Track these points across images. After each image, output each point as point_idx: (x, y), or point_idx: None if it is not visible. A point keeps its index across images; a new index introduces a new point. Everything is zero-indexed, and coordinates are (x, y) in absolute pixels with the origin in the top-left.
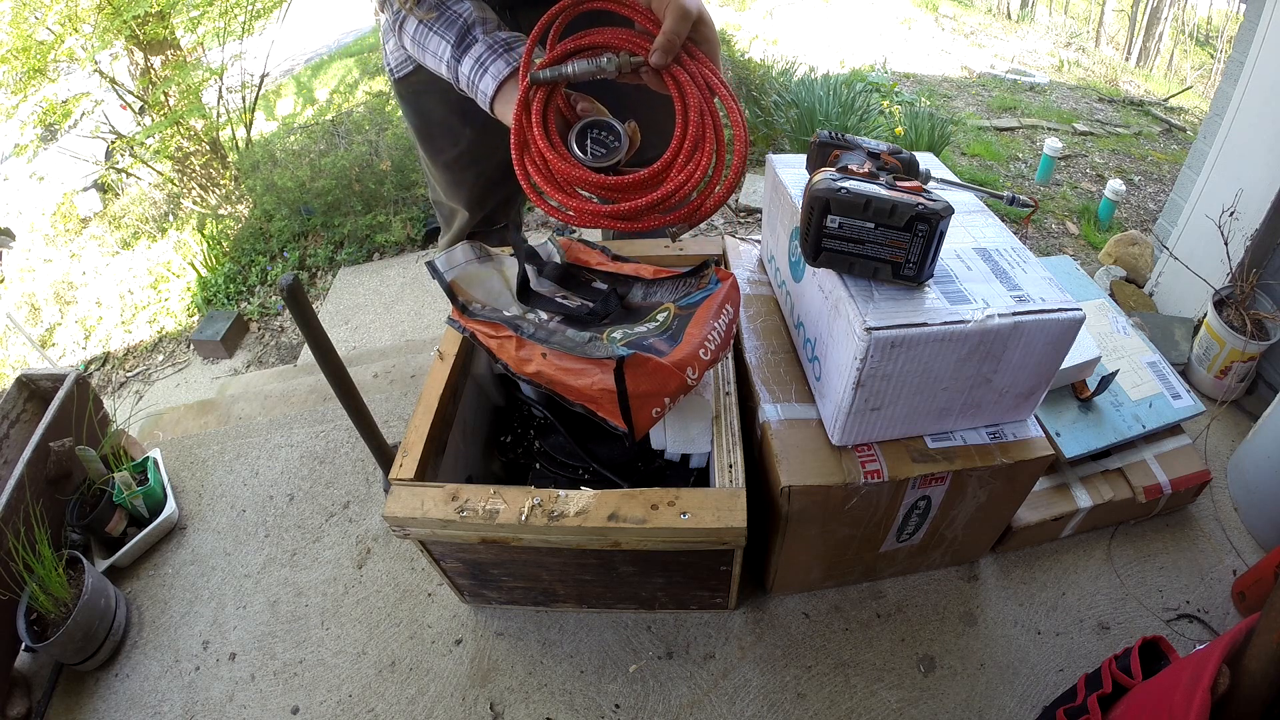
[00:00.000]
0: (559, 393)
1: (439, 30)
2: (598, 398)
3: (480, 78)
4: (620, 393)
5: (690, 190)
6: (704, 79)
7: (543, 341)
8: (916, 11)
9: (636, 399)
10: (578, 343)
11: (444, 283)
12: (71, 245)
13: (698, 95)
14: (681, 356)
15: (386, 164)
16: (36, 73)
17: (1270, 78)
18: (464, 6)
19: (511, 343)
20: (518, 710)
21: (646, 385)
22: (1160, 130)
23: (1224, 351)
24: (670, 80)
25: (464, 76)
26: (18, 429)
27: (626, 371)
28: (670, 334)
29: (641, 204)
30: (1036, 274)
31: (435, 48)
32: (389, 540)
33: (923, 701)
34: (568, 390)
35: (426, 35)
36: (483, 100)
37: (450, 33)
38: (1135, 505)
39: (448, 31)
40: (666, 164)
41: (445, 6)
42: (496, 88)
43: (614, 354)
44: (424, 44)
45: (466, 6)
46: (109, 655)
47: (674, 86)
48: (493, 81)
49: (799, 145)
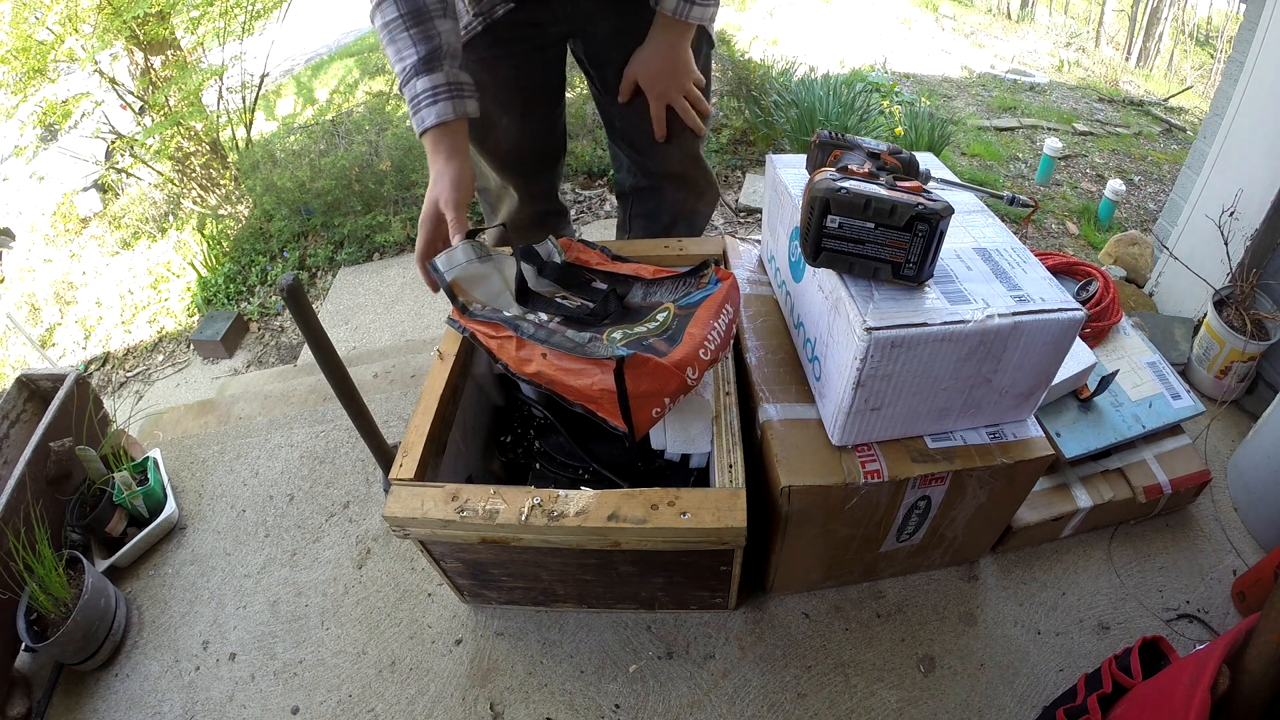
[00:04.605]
0: (559, 393)
1: (414, 36)
2: (598, 398)
3: (428, 106)
4: (620, 393)
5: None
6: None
7: (542, 342)
8: (916, 11)
9: (636, 399)
10: (578, 343)
11: (444, 283)
12: (71, 245)
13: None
14: (681, 356)
15: (386, 164)
16: (36, 73)
17: (1270, 78)
18: (444, 25)
19: (511, 343)
20: (518, 710)
21: (646, 385)
22: (1160, 130)
23: (1224, 351)
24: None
25: (414, 91)
26: (18, 429)
27: (626, 371)
28: (670, 334)
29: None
30: (1036, 274)
31: (403, 48)
32: (389, 540)
33: (923, 701)
34: (567, 390)
35: (400, 32)
36: (419, 124)
37: (422, 46)
38: (1135, 505)
39: (421, 44)
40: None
41: (427, 18)
42: (436, 123)
43: (614, 354)
44: (394, 36)
45: (446, 26)
46: (109, 655)
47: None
48: (435, 119)
49: (799, 145)
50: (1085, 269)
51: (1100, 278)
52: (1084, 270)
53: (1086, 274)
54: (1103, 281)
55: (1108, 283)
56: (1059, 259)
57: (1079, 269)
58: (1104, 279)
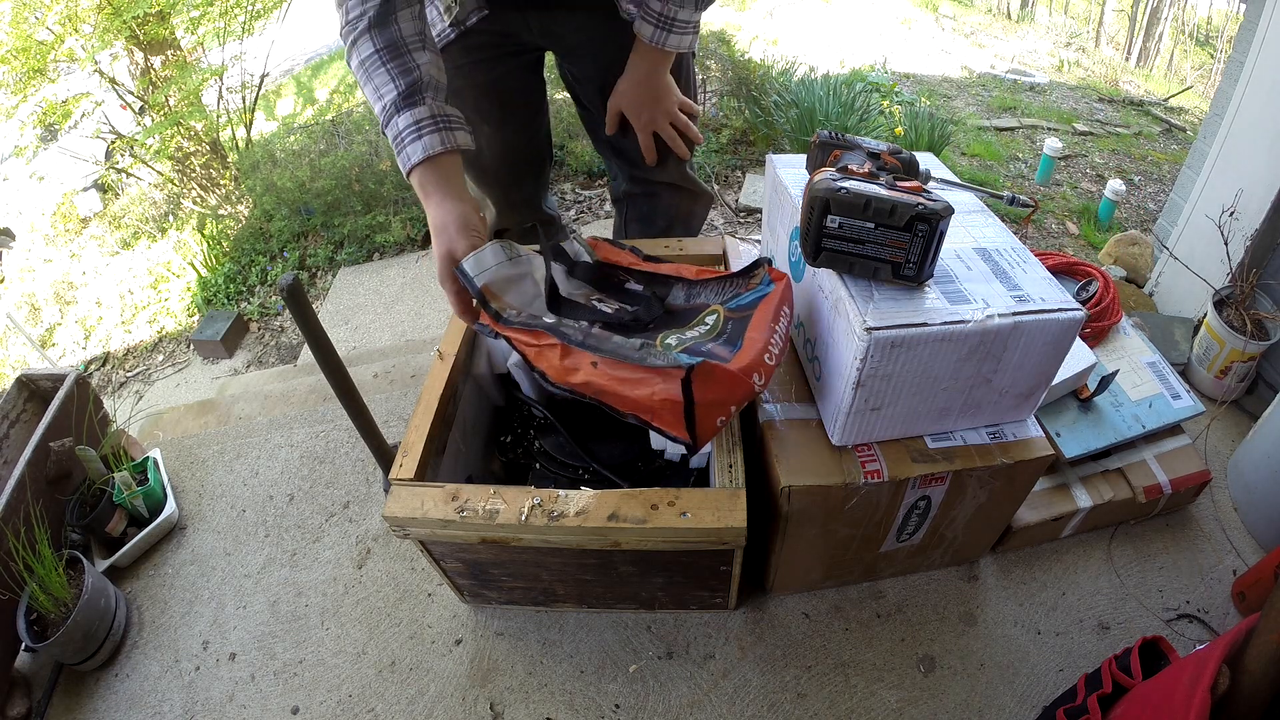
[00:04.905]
0: (609, 403)
1: (392, 71)
2: (658, 408)
3: (412, 142)
4: (687, 403)
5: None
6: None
7: (594, 349)
8: (916, 11)
9: (703, 408)
10: (631, 350)
11: (474, 289)
12: (71, 245)
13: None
14: (747, 362)
15: (386, 164)
16: (36, 73)
17: (1270, 78)
18: (424, 58)
19: (555, 351)
20: (518, 710)
21: (714, 394)
22: (1160, 130)
23: (1224, 351)
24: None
25: (397, 129)
26: (18, 429)
27: (694, 380)
28: (725, 338)
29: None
30: (1036, 274)
31: (381, 85)
32: (389, 540)
33: (923, 701)
34: (621, 401)
35: (377, 68)
36: (404, 162)
37: (401, 80)
38: (1135, 505)
39: (400, 78)
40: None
41: (404, 52)
42: (423, 158)
43: (678, 362)
44: (371, 74)
45: (426, 58)
46: (109, 655)
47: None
48: (422, 153)
49: (799, 145)
50: (1085, 269)
51: (1100, 278)
52: (1084, 270)
53: (1086, 274)
54: (1103, 281)
55: (1108, 283)
56: (1059, 259)
57: (1079, 269)
58: (1104, 279)
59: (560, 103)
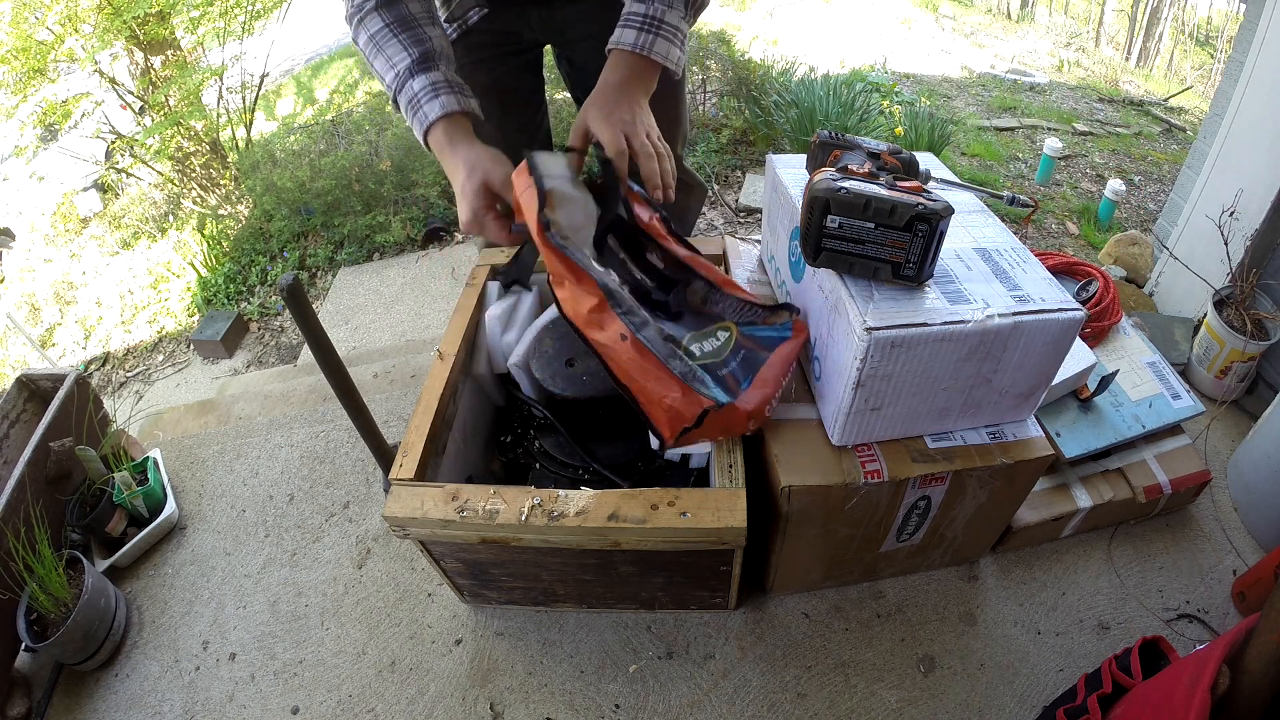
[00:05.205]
0: (613, 371)
1: (404, 41)
2: (659, 408)
3: (429, 101)
4: (693, 425)
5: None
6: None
7: (635, 329)
8: (916, 11)
9: (699, 431)
10: (659, 344)
11: (541, 187)
12: (71, 245)
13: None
14: (753, 407)
15: (386, 164)
16: (36, 73)
17: (1270, 78)
18: (434, 31)
19: (591, 300)
20: (518, 710)
21: (717, 424)
22: (1160, 130)
23: (1224, 351)
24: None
25: (412, 91)
26: (18, 429)
27: (710, 414)
28: (739, 364)
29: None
30: (1036, 274)
31: (394, 54)
32: (389, 540)
33: (923, 701)
34: (629, 379)
35: (389, 40)
36: (422, 120)
37: (415, 49)
38: (1135, 505)
39: (413, 47)
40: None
41: (415, 25)
42: (441, 115)
43: (708, 390)
44: (382, 46)
45: (436, 33)
46: (109, 655)
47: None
48: (440, 110)
49: (799, 145)
50: (1085, 269)
51: (1100, 278)
52: (1084, 270)
53: (1086, 274)
54: (1103, 281)
55: (1108, 283)
56: (1059, 259)
57: (1079, 269)
58: (1104, 279)
59: (560, 103)
